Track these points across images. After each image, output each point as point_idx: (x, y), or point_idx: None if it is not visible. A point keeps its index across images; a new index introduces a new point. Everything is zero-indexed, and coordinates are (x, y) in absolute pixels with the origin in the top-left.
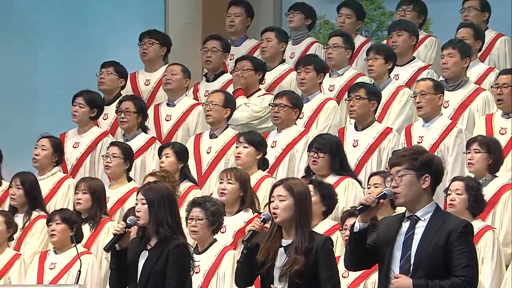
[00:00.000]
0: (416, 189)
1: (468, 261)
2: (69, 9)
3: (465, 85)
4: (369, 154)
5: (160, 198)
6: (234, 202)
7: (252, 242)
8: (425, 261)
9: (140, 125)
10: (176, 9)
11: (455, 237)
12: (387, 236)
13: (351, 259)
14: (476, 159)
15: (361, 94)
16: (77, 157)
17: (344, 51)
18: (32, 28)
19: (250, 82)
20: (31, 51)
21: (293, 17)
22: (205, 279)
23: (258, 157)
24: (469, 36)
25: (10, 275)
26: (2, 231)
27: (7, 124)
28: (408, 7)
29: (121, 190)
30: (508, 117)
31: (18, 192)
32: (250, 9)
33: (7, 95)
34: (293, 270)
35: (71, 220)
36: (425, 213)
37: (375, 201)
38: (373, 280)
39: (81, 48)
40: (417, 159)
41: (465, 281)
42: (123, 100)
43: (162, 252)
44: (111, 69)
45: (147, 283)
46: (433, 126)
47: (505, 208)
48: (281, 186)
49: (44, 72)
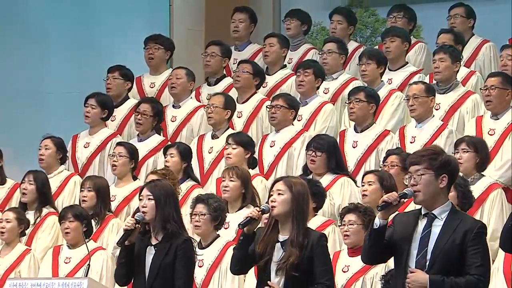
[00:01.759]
0: (434, 188)
1: (482, 261)
2: (79, 16)
3: (456, 88)
4: (368, 154)
5: (166, 194)
6: (236, 199)
7: (249, 229)
8: (441, 258)
9: (155, 127)
10: (180, 16)
11: (470, 237)
12: (404, 232)
13: (369, 254)
14: (464, 158)
15: (360, 97)
16: (87, 156)
17: (338, 56)
18: (43, 35)
19: (247, 85)
20: (42, 56)
21: (290, 25)
22: (208, 273)
23: (247, 156)
24: (449, 41)
25: (20, 269)
26: (14, 227)
27: (18, 125)
28: (398, 14)
29: (127, 188)
30: (496, 118)
31: (30, 187)
32: (253, 16)
33: (20, 97)
34: (289, 263)
35: (82, 216)
36: (441, 211)
37: (396, 199)
38: (371, 275)
39: (90, 53)
40: (436, 159)
41: (478, 279)
42: (142, 102)
43: (170, 247)
44: (116, 73)
45: (157, 276)
46: (425, 127)
47: (493, 206)
48: (281, 182)
49: (55, 76)
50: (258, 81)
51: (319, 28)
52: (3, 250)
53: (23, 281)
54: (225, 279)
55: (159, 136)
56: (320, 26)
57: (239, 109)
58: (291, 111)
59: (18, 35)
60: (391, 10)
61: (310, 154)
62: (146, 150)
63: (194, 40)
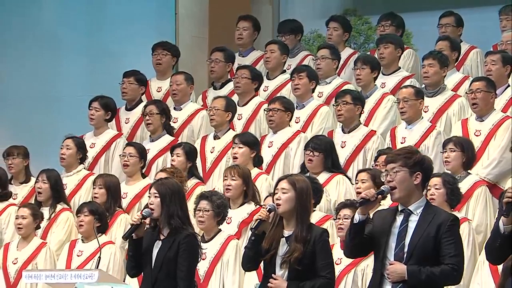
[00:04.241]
0: (408, 184)
1: (455, 251)
2: (90, 25)
3: (443, 92)
4: (356, 154)
5: (171, 192)
6: (238, 196)
7: (259, 230)
8: (417, 250)
9: (165, 126)
10: (186, 24)
11: (444, 229)
12: (382, 227)
13: (351, 248)
14: (451, 157)
15: (347, 100)
16: (93, 156)
17: (331, 62)
18: (57, 42)
19: (246, 89)
20: (56, 62)
21: (285, 40)
22: (211, 265)
23: (252, 155)
24: (446, 47)
25: (37, 261)
26: (30, 223)
27: (34, 127)
28: (386, 22)
29: (138, 186)
30: (481, 120)
31: (44, 186)
32: (257, 24)
33: (35, 100)
34: (293, 257)
35: (97, 212)
36: (417, 207)
37: (374, 196)
38: (362, 267)
39: (101, 59)
40: (411, 158)
41: (452, 268)
42: (147, 105)
43: (174, 242)
44: (131, 78)
45: (161, 268)
46: (415, 128)
47: (477, 202)
48: (285, 180)
49: (68, 80)
50: (257, 84)
51: (315, 35)
52: (20, 244)
53: (38, 273)
54: (227, 271)
55: (169, 136)
56: (316, 33)
57: (239, 112)
58: (287, 113)
59: (33, 42)
60: (380, 19)
61: (308, 153)
62: (156, 150)
63: (199, 47)
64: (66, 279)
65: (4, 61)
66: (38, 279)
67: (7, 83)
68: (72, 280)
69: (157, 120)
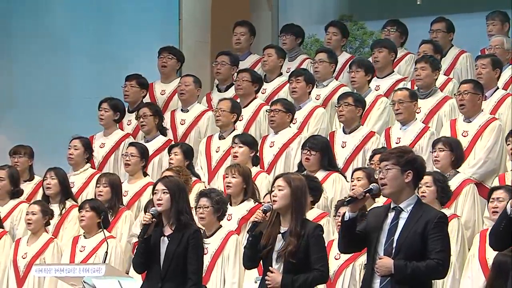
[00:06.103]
0: (399, 182)
1: (442, 247)
2: (99, 30)
3: (435, 94)
4: (355, 154)
5: (179, 189)
6: (238, 193)
7: (256, 231)
8: (405, 246)
9: (158, 127)
10: (189, 29)
11: (431, 226)
12: (375, 224)
13: (343, 244)
14: (441, 156)
15: (349, 101)
16: (103, 155)
17: (328, 65)
18: (67, 47)
19: (247, 92)
20: (66, 65)
21: (285, 40)
22: (212, 260)
23: (251, 154)
24: (429, 50)
25: (45, 256)
26: (39, 219)
27: (44, 127)
28: (391, 28)
29: (138, 184)
30: (468, 121)
31: (53, 181)
32: (253, 29)
33: (45, 102)
34: (287, 251)
35: (99, 208)
36: (407, 205)
37: (361, 194)
38: (360, 262)
39: (108, 63)
40: (403, 157)
41: (437, 263)
42: (141, 107)
43: (183, 237)
44: (133, 82)
45: (171, 263)
46: (409, 129)
47: (466, 199)
48: (281, 178)
49: (77, 83)
50: (257, 86)
51: (313, 40)
52: (30, 239)
53: (48, 267)
54: (227, 265)
55: (163, 137)
56: (314, 38)
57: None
58: (288, 114)
59: (44, 47)
60: (385, 24)
61: (305, 153)
62: (152, 150)
63: (202, 51)
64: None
65: (17, 65)
66: (48, 273)
67: (20, 86)
68: (81, 274)
69: (151, 122)
